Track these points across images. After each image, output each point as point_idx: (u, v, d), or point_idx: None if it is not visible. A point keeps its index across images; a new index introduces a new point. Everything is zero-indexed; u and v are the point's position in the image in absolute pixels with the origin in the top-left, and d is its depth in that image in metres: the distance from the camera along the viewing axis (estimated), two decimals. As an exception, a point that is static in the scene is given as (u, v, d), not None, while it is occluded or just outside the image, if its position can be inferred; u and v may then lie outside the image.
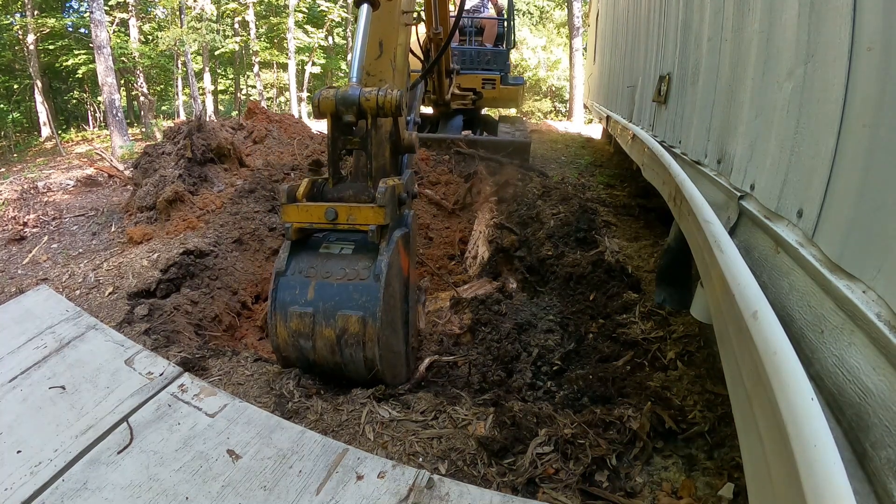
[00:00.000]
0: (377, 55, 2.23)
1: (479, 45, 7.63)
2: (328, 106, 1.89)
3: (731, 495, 1.62)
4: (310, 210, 1.89)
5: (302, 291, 1.85)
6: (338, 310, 1.80)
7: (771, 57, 1.54)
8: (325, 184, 2.06)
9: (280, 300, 1.86)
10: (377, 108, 1.87)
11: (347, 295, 1.82)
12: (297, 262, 1.92)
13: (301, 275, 1.89)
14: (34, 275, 3.57)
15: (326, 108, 1.90)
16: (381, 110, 1.89)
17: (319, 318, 1.81)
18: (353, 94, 1.87)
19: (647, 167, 3.25)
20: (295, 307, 1.83)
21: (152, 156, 4.80)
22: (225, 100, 28.10)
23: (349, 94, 1.88)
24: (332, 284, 1.84)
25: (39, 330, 2.64)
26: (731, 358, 1.25)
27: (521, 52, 21.15)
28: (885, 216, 0.88)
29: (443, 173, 5.52)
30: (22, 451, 1.89)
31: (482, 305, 3.21)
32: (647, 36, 4.18)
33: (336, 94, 1.89)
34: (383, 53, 2.26)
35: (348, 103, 1.87)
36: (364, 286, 1.82)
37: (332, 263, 1.90)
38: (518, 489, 1.70)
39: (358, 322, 1.78)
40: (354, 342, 1.80)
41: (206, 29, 18.15)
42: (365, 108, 1.88)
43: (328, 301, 1.82)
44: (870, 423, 0.81)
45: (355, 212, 1.85)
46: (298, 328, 1.83)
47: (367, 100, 1.86)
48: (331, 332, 1.81)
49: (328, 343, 1.83)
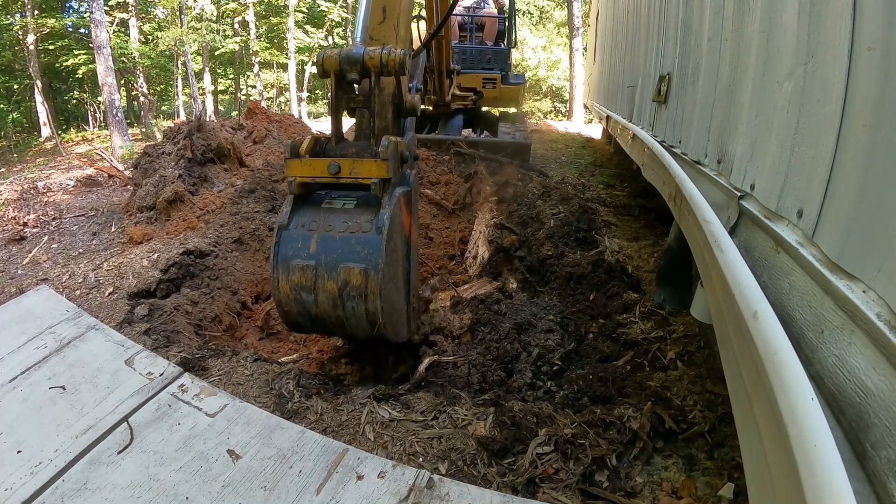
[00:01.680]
0: (380, 20, 2.23)
1: (480, 43, 7.61)
2: (332, 64, 1.89)
3: (731, 495, 1.62)
4: (313, 164, 1.89)
5: (304, 245, 1.84)
6: (340, 262, 1.80)
7: (771, 57, 1.54)
8: (327, 142, 2.06)
9: (282, 254, 1.85)
10: (381, 66, 1.87)
11: (350, 248, 1.81)
12: (300, 216, 1.92)
13: (304, 228, 1.88)
14: (34, 275, 3.57)
15: (330, 67, 1.90)
16: (385, 68, 1.88)
17: (322, 271, 1.80)
18: (357, 52, 1.88)
19: (647, 167, 3.25)
20: (297, 260, 1.82)
21: (152, 156, 4.80)
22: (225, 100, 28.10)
23: (353, 53, 1.88)
24: (335, 237, 1.84)
25: (39, 330, 2.64)
26: (731, 358, 1.25)
27: (521, 51, 21.15)
28: (885, 216, 0.88)
29: (443, 173, 5.51)
30: (22, 451, 1.89)
31: (482, 305, 3.21)
32: (647, 36, 4.18)
33: (340, 53, 1.90)
34: (386, 19, 2.26)
35: (352, 61, 1.88)
36: (366, 239, 1.81)
37: (334, 217, 1.89)
38: (518, 489, 1.70)
39: (360, 274, 1.77)
40: (356, 295, 1.79)
41: (206, 29, 18.15)
42: (368, 67, 1.88)
43: (330, 254, 1.81)
44: (870, 423, 0.81)
45: (358, 165, 1.86)
46: (300, 281, 1.82)
47: (370, 58, 1.87)
48: (333, 286, 1.80)
49: (330, 296, 1.81)
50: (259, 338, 3.32)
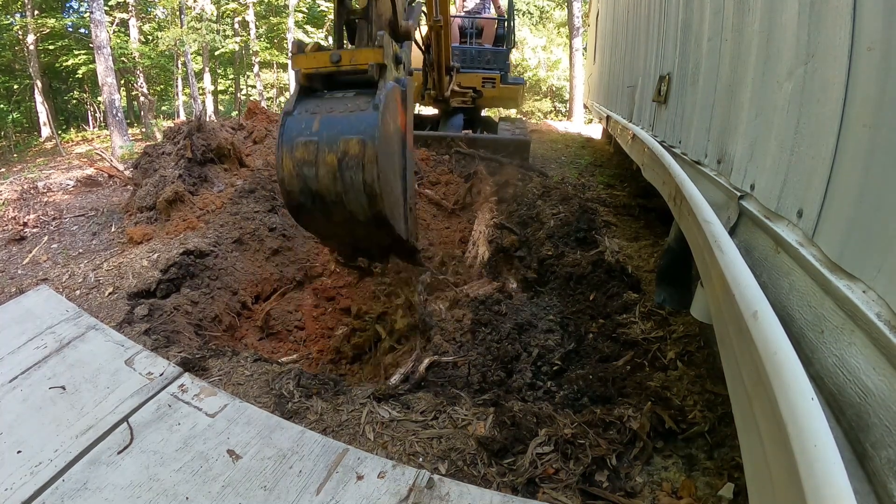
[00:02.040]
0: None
1: (480, 46, 7.63)
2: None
3: (731, 495, 1.62)
4: (317, 57, 2.12)
5: (307, 125, 2.03)
6: (340, 136, 1.97)
7: (771, 57, 1.54)
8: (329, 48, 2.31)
9: (287, 134, 2.03)
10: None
11: (349, 123, 1.99)
12: (304, 104, 2.14)
13: (307, 113, 2.09)
14: (34, 275, 3.57)
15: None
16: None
17: (323, 145, 1.96)
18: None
19: (647, 167, 3.25)
20: (301, 138, 2.01)
21: (152, 156, 4.81)
22: (225, 100, 28.10)
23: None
24: (335, 117, 2.03)
25: (39, 330, 2.64)
26: (731, 358, 1.25)
27: (521, 52, 21.14)
28: (885, 216, 0.88)
29: (443, 173, 5.52)
30: (22, 451, 1.89)
31: (482, 305, 3.21)
32: (647, 36, 4.18)
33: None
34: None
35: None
36: (364, 115, 2.00)
37: (335, 102, 2.11)
38: (518, 489, 1.70)
39: (357, 144, 1.92)
40: (354, 164, 1.93)
41: (206, 29, 18.15)
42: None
43: (331, 130, 1.99)
44: (870, 422, 0.81)
45: (357, 54, 2.09)
46: (303, 156, 1.98)
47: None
48: (333, 158, 1.95)
49: (330, 170, 1.96)
50: (259, 338, 3.32)
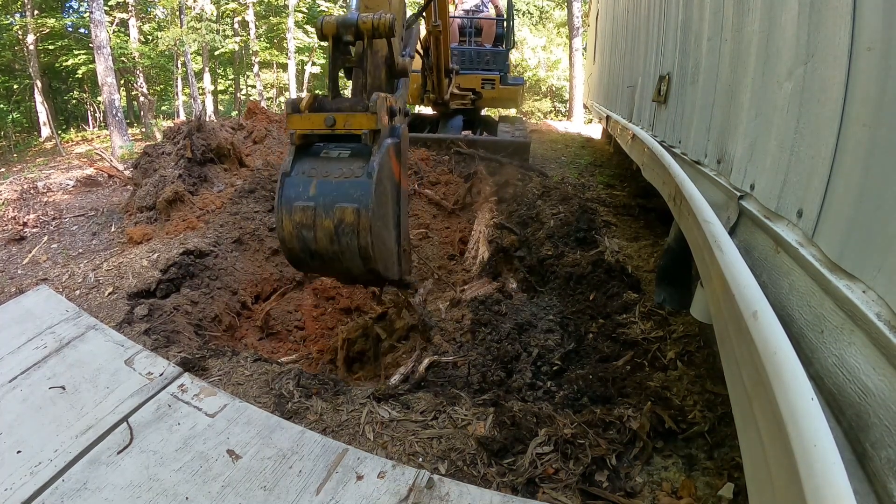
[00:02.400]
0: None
1: (479, 46, 7.62)
2: (330, 28, 2.18)
3: (731, 495, 1.62)
4: (311, 118, 2.14)
5: (304, 188, 2.07)
6: (335, 203, 2.03)
7: (771, 57, 1.54)
8: (325, 99, 2.32)
9: (286, 196, 2.07)
10: (372, 28, 2.16)
11: (344, 190, 2.04)
12: (301, 164, 2.16)
13: (304, 175, 2.10)
14: (34, 275, 3.57)
15: (328, 31, 2.18)
16: (377, 31, 2.16)
17: (320, 210, 2.03)
18: (352, 17, 2.17)
19: (646, 167, 3.25)
20: (299, 202, 2.04)
21: (152, 156, 4.81)
22: (225, 100, 28.09)
23: (348, 18, 2.17)
24: (331, 182, 2.06)
25: (39, 330, 2.64)
26: (731, 358, 1.25)
27: (521, 52, 21.13)
28: (885, 216, 0.88)
29: (443, 173, 5.51)
30: (22, 451, 1.89)
31: (482, 305, 3.21)
32: (646, 36, 4.18)
33: (337, 19, 2.20)
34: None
35: (347, 25, 2.16)
36: (358, 182, 2.04)
37: (331, 165, 2.13)
38: (518, 489, 1.70)
39: (353, 213, 1.99)
40: (350, 231, 2.00)
41: (205, 29, 18.14)
42: (362, 30, 2.16)
43: (327, 196, 2.04)
44: (870, 422, 0.81)
45: (351, 118, 2.11)
46: (301, 220, 2.04)
47: (363, 22, 2.15)
48: (329, 223, 2.02)
49: (327, 233, 2.03)
50: (259, 338, 3.32)
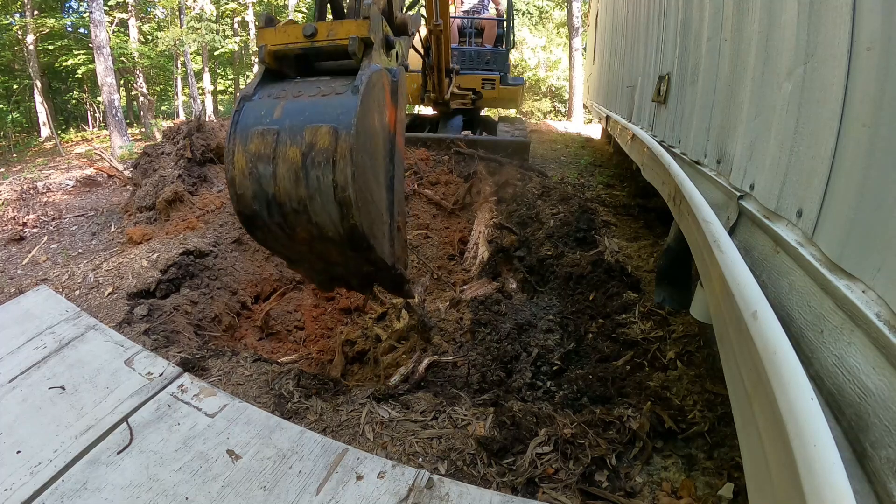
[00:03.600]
0: None
1: (479, 46, 7.63)
2: None
3: (731, 495, 1.62)
4: (287, 31, 1.65)
5: (268, 112, 1.58)
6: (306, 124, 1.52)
7: (770, 57, 1.54)
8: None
9: (242, 122, 1.58)
10: None
11: (319, 109, 1.54)
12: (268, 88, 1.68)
13: (270, 97, 1.63)
14: (34, 275, 3.57)
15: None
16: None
17: (284, 136, 1.52)
18: None
19: (646, 167, 3.25)
20: (258, 127, 1.55)
21: (152, 156, 4.80)
22: (225, 100, 28.08)
23: None
24: (303, 101, 1.58)
25: (39, 330, 2.63)
26: (730, 358, 1.25)
27: (521, 52, 21.14)
28: (885, 216, 0.88)
29: (443, 173, 5.51)
30: (22, 452, 1.89)
31: (482, 306, 3.21)
32: (646, 36, 4.18)
33: None
34: None
35: None
36: (340, 99, 1.53)
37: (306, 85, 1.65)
38: (518, 489, 1.70)
39: (328, 134, 1.47)
40: (323, 160, 1.48)
41: (205, 29, 18.13)
42: None
43: (296, 118, 1.54)
44: (869, 422, 0.81)
45: (336, 27, 1.63)
46: (259, 149, 1.52)
47: None
48: (296, 152, 1.50)
49: (292, 167, 1.50)
50: (259, 338, 3.32)
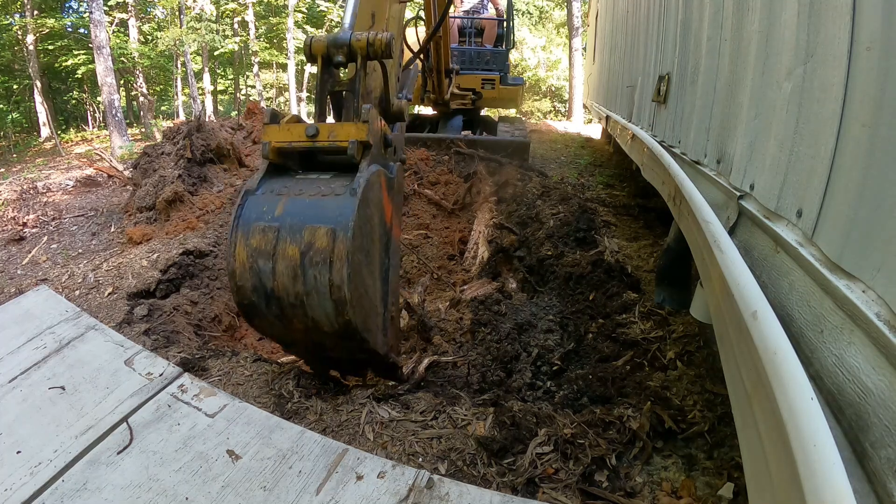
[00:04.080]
0: (369, 25, 2.20)
1: (479, 46, 7.64)
2: (319, 48, 1.88)
3: (731, 495, 1.62)
4: (290, 129, 1.77)
5: (270, 208, 1.66)
6: (305, 224, 1.61)
7: (770, 57, 1.54)
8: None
9: (244, 216, 1.66)
10: (367, 47, 1.84)
11: (318, 209, 1.63)
12: (271, 183, 1.77)
13: (272, 193, 1.71)
14: (34, 275, 3.57)
15: (317, 51, 1.88)
16: (371, 48, 1.84)
17: (284, 233, 1.60)
18: (345, 35, 1.87)
19: (646, 167, 3.25)
20: (259, 223, 1.64)
21: (152, 156, 4.80)
22: (224, 100, 28.09)
23: (340, 36, 1.87)
24: (304, 200, 1.67)
25: (39, 330, 2.63)
26: (730, 358, 1.26)
27: (521, 52, 21.14)
28: (885, 216, 0.88)
29: (443, 173, 5.52)
30: (22, 452, 1.89)
31: (482, 306, 3.21)
32: (646, 36, 4.18)
33: (327, 37, 1.89)
34: (375, 25, 2.24)
35: (339, 44, 1.86)
36: (338, 201, 1.62)
37: (307, 183, 1.75)
38: (518, 489, 1.70)
39: (326, 235, 1.57)
40: (320, 260, 1.57)
41: (205, 29, 18.14)
42: (355, 49, 1.85)
43: (296, 217, 1.62)
44: (869, 422, 0.81)
45: (337, 129, 1.74)
46: (259, 245, 1.61)
47: (357, 40, 1.85)
48: (294, 250, 1.59)
49: (290, 265, 1.59)
50: (259, 338, 3.32)
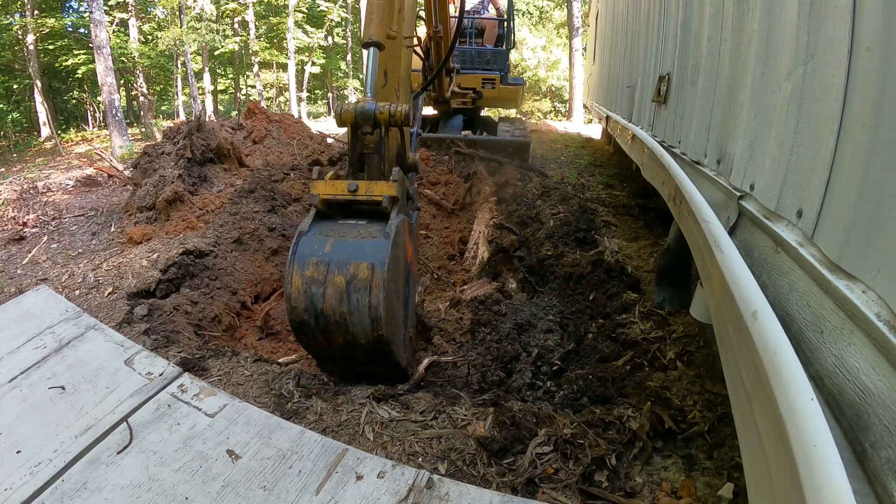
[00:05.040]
0: (383, 84, 2.65)
1: (480, 46, 7.64)
2: (349, 117, 2.33)
3: (731, 495, 1.62)
4: (335, 185, 2.29)
5: (320, 246, 2.15)
6: (350, 259, 2.10)
7: (770, 57, 1.54)
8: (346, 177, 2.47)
9: (300, 252, 2.14)
10: (389, 118, 2.31)
11: (360, 249, 2.13)
12: (319, 226, 2.26)
13: (321, 234, 2.21)
14: (34, 275, 3.57)
15: (347, 119, 2.33)
16: (393, 119, 2.31)
17: (333, 266, 2.09)
18: (370, 107, 2.30)
19: (646, 167, 3.25)
20: (312, 257, 2.12)
21: (152, 156, 4.80)
22: (225, 100, 28.10)
23: (367, 108, 2.30)
24: (348, 241, 2.17)
25: (39, 330, 2.63)
26: (730, 358, 1.26)
27: (520, 52, 21.13)
28: (885, 216, 0.88)
29: (443, 173, 5.52)
30: (22, 452, 1.89)
31: (482, 306, 3.21)
32: (646, 36, 4.18)
33: (355, 108, 2.33)
34: (388, 83, 2.68)
35: (366, 116, 2.31)
36: (375, 242, 2.14)
37: (348, 228, 2.25)
38: (518, 489, 1.70)
39: (367, 268, 2.06)
40: (362, 287, 2.05)
41: (205, 29, 18.15)
42: (379, 120, 2.32)
43: (342, 253, 2.12)
44: (869, 422, 0.81)
45: (373, 186, 2.26)
46: (313, 275, 2.09)
47: (381, 112, 2.30)
48: (342, 279, 2.07)
49: (338, 290, 2.07)
50: (259, 338, 3.32)
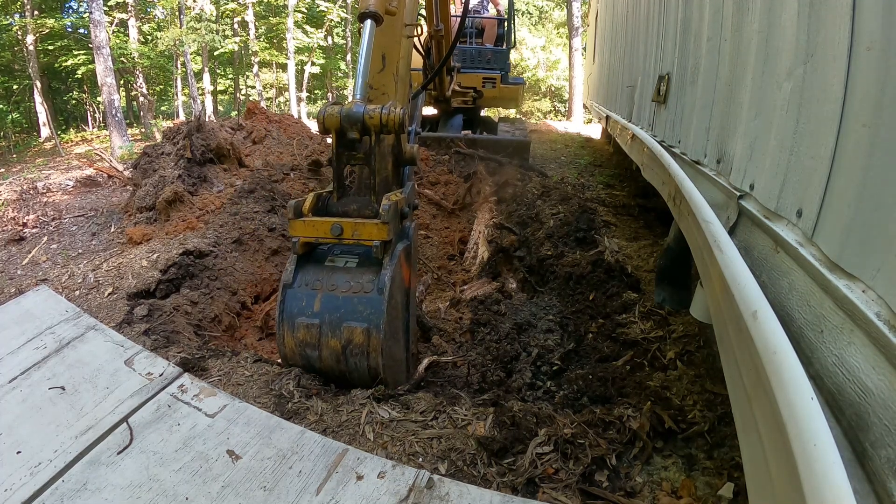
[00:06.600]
0: (380, 69, 2.30)
1: (480, 45, 7.65)
2: (333, 122, 1.92)
3: (731, 495, 1.62)
4: (316, 225, 1.94)
5: (308, 303, 1.91)
6: (343, 321, 1.88)
7: (770, 57, 1.54)
8: (329, 197, 2.09)
9: (288, 311, 1.93)
10: (380, 125, 1.91)
11: (352, 307, 1.89)
12: (304, 274, 1.98)
13: (307, 287, 1.95)
14: (34, 275, 3.57)
15: (331, 125, 1.93)
16: (385, 128, 1.92)
17: (325, 329, 1.88)
18: (358, 111, 1.90)
19: (646, 167, 3.25)
20: (302, 318, 1.90)
21: (152, 156, 4.80)
22: (224, 100, 28.09)
23: (353, 112, 1.90)
24: (338, 297, 1.91)
25: (39, 330, 2.63)
26: (730, 358, 1.26)
27: (520, 52, 21.14)
28: (885, 216, 0.88)
29: (443, 173, 5.52)
30: (22, 452, 1.89)
31: (482, 305, 3.21)
32: (646, 36, 4.18)
33: (341, 111, 1.92)
34: (386, 67, 2.31)
35: (353, 121, 1.91)
36: (368, 299, 1.89)
37: (337, 276, 1.96)
38: (518, 489, 1.70)
39: (362, 333, 1.86)
40: (359, 352, 1.88)
41: (205, 29, 18.14)
42: (369, 126, 1.91)
43: (334, 313, 1.89)
44: (869, 422, 0.81)
45: (360, 227, 1.90)
46: (305, 338, 1.90)
47: (370, 117, 1.90)
48: (336, 343, 1.88)
49: (334, 353, 1.90)
50: (259, 338, 3.32)
